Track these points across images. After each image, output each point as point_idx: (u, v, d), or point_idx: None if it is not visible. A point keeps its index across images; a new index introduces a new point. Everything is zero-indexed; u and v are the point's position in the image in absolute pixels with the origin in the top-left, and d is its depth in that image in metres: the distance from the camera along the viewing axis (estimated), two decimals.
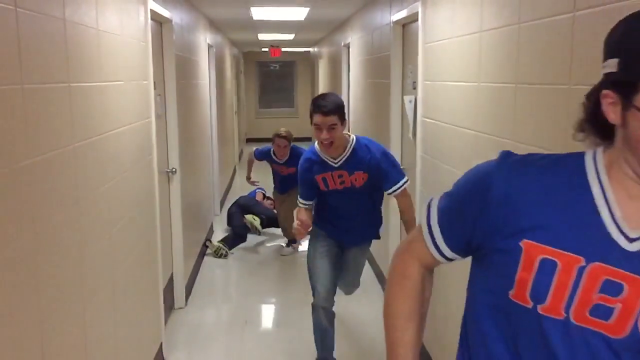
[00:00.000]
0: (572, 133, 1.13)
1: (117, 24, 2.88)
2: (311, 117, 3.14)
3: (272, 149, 5.97)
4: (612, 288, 0.99)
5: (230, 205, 7.06)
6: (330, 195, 3.36)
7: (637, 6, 1.52)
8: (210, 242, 6.20)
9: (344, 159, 3.26)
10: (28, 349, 1.77)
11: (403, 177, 3.28)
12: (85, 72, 2.35)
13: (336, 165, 3.27)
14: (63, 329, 2.05)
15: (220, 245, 6.08)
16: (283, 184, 6.12)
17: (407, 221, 3.33)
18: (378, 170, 3.25)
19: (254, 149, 6.23)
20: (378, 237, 3.69)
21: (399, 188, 3.26)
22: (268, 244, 6.56)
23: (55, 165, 2.00)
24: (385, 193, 3.35)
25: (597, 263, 0.99)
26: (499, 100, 2.43)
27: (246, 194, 7.33)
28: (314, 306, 3.38)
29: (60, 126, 2.06)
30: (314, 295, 3.40)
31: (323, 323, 3.37)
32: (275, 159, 5.98)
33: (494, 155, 1.21)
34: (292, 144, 5.94)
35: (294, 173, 6.02)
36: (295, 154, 5.88)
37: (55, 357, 1.96)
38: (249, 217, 6.80)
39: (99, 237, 2.49)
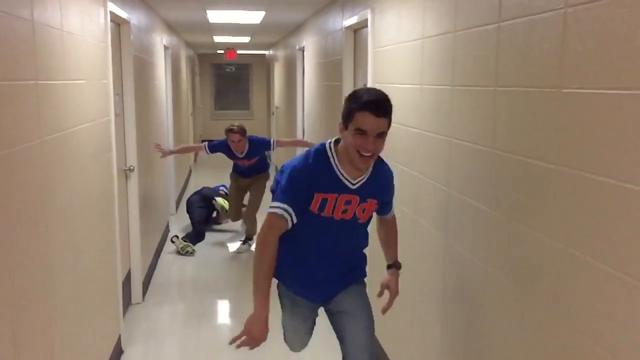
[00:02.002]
0: None
1: (79, 26, 2.99)
2: (350, 116, 2.21)
3: (230, 146, 5.84)
4: None
5: (191, 194, 7.14)
6: (314, 226, 2.35)
7: (550, 18, 1.76)
8: (177, 237, 6.28)
9: (364, 179, 2.36)
10: (1, 332, 1.89)
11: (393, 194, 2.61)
12: (50, 71, 2.47)
13: (353, 187, 2.34)
14: (32, 316, 2.17)
15: (188, 243, 6.19)
16: (247, 173, 6.12)
17: (392, 238, 2.67)
18: (389, 191, 2.55)
19: (206, 143, 6.07)
20: (364, 275, 2.67)
21: (392, 208, 2.62)
22: (225, 241, 6.68)
23: (23, 159, 2.12)
24: (378, 216, 2.62)
25: None
26: (438, 101, 2.66)
27: (212, 186, 7.42)
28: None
29: (28, 121, 2.18)
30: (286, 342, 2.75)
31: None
32: (235, 154, 5.89)
33: (437, 151, 1.40)
34: (249, 135, 5.85)
35: (257, 162, 5.96)
36: (254, 144, 5.86)
37: (25, 341, 2.08)
38: (219, 200, 6.92)
39: (62, 230, 2.60)
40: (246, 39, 10.75)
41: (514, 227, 1.95)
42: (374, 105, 2.18)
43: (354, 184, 2.34)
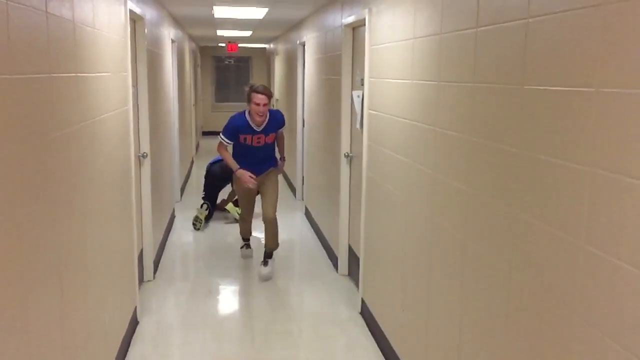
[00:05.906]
0: None
1: (106, 23, 3.33)
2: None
3: (246, 117, 4.76)
4: None
5: (212, 162, 7.28)
6: None
7: (516, 26, 2.10)
8: (208, 206, 6.96)
9: None
10: (49, 284, 2.24)
11: None
12: (85, 65, 2.81)
13: None
14: (73, 276, 2.52)
15: (202, 220, 6.84)
16: (258, 163, 4.95)
17: None
18: None
19: (221, 136, 4.94)
20: None
21: None
22: (230, 223, 7.03)
23: (67, 140, 2.46)
24: None
25: None
26: (426, 95, 3.01)
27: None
28: None
29: (70, 109, 2.52)
30: None
31: None
32: (253, 127, 4.72)
33: (425, 140, 1.74)
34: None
35: (271, 144, 4.97)
36: (274, 115, 4.90)
37: (69, 299, 2.43)
38: (230, 208, 7.22)
39: (95, 206, 2.95)
40: (248, 33, 11.07)
41: (487, 202, 2.30)
42: None
43: None
